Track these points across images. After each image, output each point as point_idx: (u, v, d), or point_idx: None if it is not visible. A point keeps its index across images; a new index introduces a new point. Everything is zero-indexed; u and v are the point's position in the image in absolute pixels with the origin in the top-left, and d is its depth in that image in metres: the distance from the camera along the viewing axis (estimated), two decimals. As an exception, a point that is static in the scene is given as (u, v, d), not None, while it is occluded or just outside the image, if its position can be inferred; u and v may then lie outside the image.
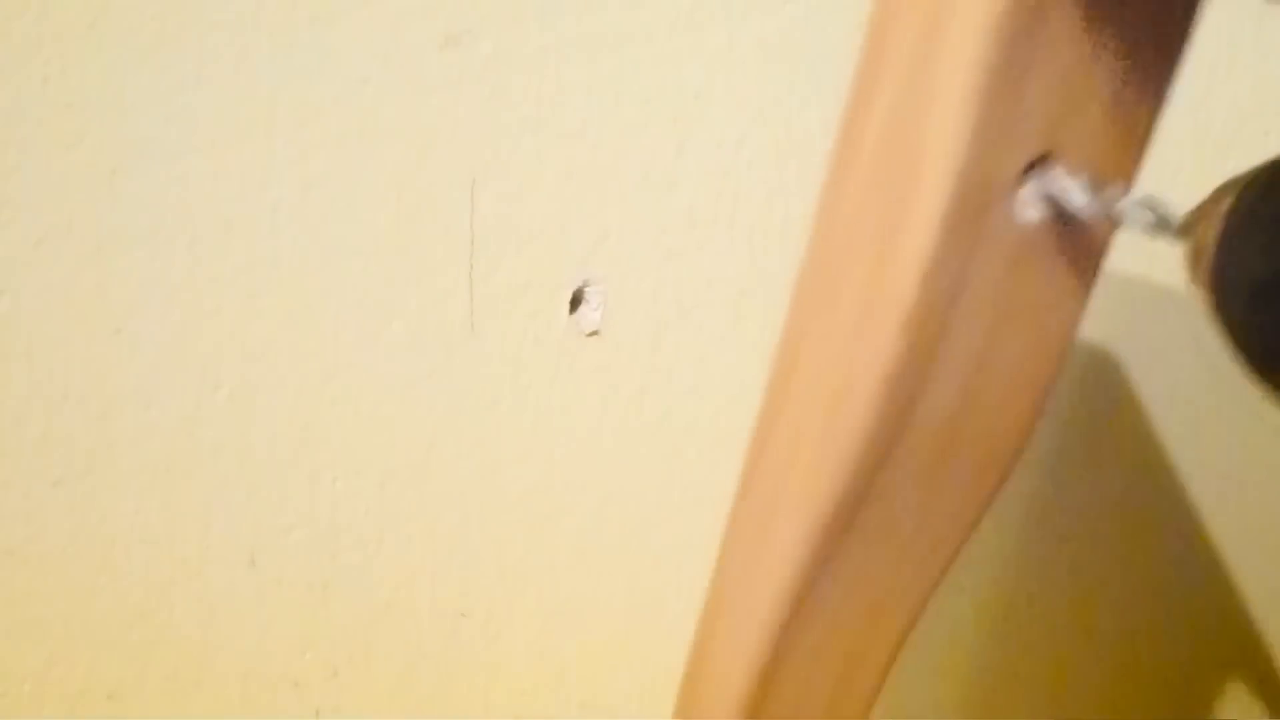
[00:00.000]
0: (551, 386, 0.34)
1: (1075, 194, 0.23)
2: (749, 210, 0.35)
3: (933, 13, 0.21)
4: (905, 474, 0.25)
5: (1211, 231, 0.25)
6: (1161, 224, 0.25)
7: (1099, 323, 0.40)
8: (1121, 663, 0.44)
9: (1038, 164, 0.22)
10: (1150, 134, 0.24)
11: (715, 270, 0.35)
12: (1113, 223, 0.24)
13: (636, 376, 0.35)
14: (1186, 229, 0.26)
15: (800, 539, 0.25)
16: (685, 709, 0.27)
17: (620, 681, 0.38)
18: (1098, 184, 0.23)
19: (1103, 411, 0.41)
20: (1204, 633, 0.45)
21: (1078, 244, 0.24)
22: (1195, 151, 0.39)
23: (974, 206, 0.22)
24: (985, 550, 0.42)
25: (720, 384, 0.35)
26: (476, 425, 0.33)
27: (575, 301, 0.34)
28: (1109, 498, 0.42)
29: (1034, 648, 0.43)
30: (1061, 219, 0.23)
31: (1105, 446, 0.42)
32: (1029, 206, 0.23)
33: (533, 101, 0.33)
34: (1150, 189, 0.24)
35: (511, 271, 0.33)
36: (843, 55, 0.24)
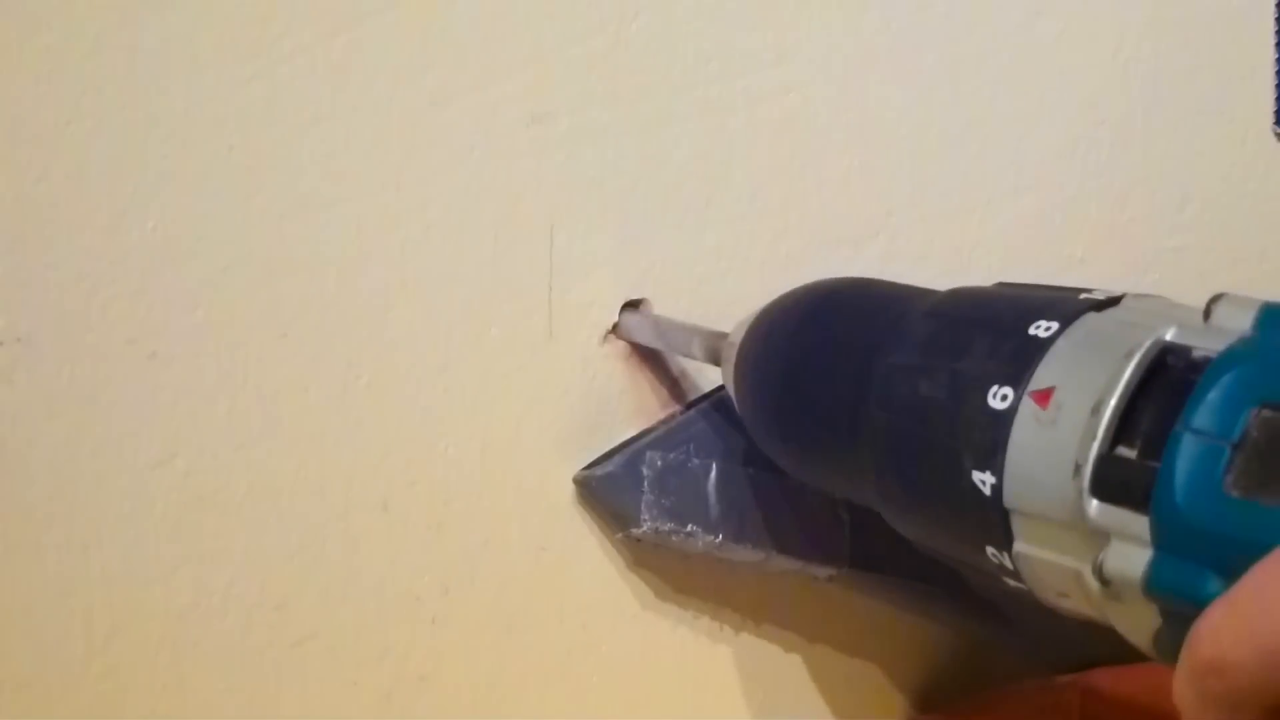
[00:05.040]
0: (610, 379, 0.44)
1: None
2: (760, 248, 0.46)
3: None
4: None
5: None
6: None
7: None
8: None
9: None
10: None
11: (735, 293, 0.45)
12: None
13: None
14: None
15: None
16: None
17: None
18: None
19: None
20: None
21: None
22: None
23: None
24: None
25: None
26: (553, 407, 0.43)
27: (628, 315, 0.45)
28: None
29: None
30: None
31: None
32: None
33: (597, 165, 0.43)
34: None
35: (580, 293, 0.43)
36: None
